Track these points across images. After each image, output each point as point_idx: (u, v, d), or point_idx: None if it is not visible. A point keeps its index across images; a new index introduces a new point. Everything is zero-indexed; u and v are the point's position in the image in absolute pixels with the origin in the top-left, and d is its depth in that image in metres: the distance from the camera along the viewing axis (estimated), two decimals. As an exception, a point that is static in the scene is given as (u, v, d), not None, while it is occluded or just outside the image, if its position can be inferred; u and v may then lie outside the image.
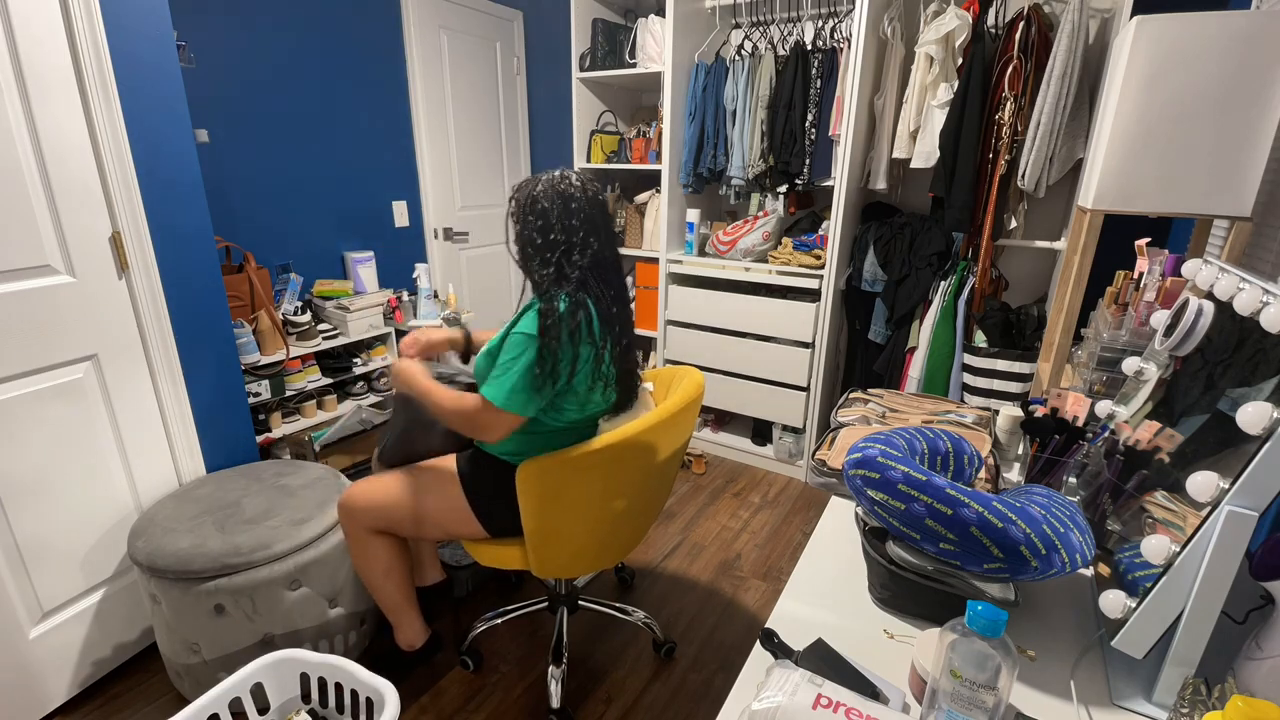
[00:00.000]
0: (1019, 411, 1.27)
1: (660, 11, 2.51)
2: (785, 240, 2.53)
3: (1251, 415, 0.61)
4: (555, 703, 1.48)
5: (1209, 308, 0.84)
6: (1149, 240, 1.42)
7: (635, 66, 2.70)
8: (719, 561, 2.11)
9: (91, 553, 1.53)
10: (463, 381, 1.43)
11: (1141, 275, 1.38)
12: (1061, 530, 0.73)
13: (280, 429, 2.29)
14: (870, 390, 1.43)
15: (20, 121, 1.30)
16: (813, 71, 2.35)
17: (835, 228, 2.33)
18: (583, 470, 1.26)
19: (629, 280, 3.11)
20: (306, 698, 1.27)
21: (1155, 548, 0.67)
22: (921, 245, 2.33)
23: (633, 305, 3.00)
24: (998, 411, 1.30)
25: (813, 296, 2.47)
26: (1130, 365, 1.03)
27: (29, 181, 1.32)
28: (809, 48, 2.39)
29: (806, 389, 2.55)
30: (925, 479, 0.77)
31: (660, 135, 2.67)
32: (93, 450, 1.50)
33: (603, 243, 1.29)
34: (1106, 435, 1.05)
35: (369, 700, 1.20)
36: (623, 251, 2.91)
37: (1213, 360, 0.81)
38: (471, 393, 1.28)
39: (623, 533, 1.44)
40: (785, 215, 2.65)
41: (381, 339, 2.67)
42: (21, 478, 1.38)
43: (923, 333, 2.36)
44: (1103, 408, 1.05)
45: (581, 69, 2.80)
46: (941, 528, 0.74)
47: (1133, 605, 0.69)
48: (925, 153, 2.21)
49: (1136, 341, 1.30)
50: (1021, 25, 1.98)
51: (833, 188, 2.31)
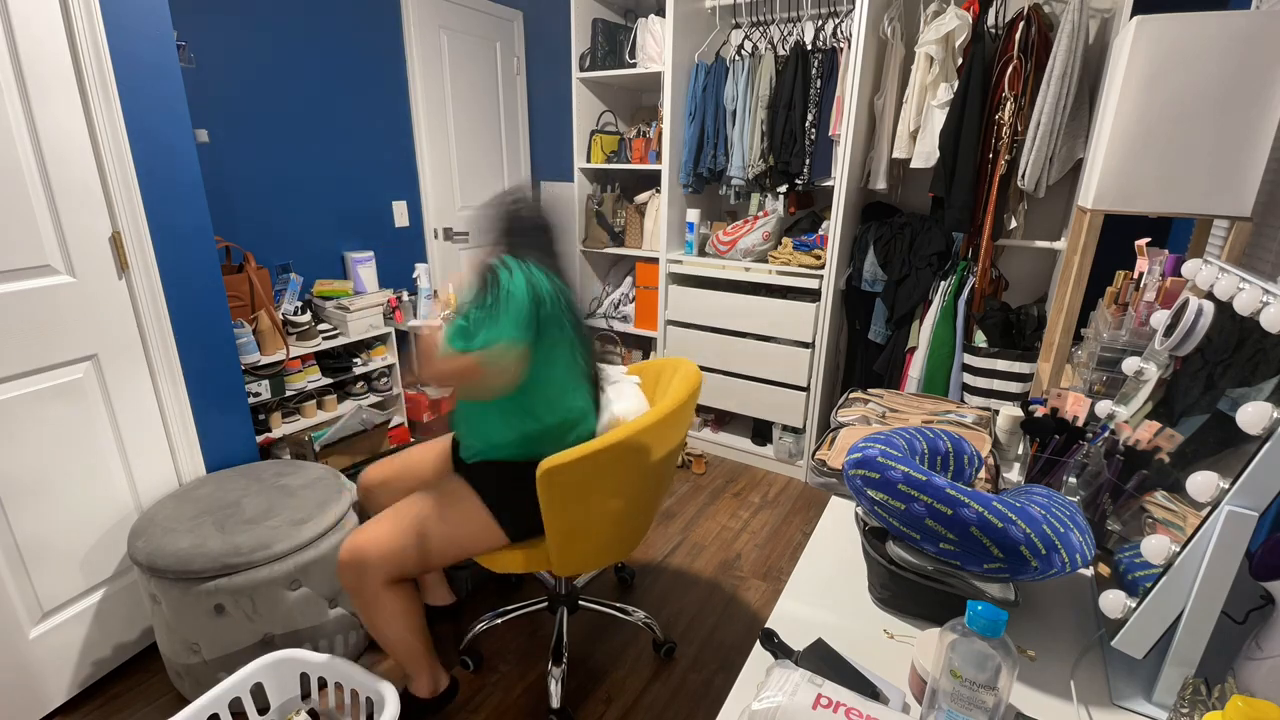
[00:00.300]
0: (1019, 411, 1.27)
1: (660, 11, 2.51)
2: (785, 240, 2.53)
3: (1251, 415, 0.61)
4: (555, 702, 1.48)
5: (1209, 308, 0.84)
6: (1149, 240, 1.42)
7: (635, 66, 2.69)
8: (719, 561, 2.12)
9: (91, 553, 1.53)
10: None
11: (1141, 275, 1.38)
12: (1061, 530, 0.73)
13: (280, 429, 2.29)
14: (870, 390, 1.43)
15: (20, 121, 1.30)
16: (813, 71, 2.35)
17: (835, 228, 2.33)
18: (601, 465, 1.27)
19: (629, 279, 3.12)
20: (306, 698, 1.27)
21: (1155, 548, 0.67)
22: (921, 245, 2.33)
23: (631, 306, 3.00)
24: (998, 411, 1.30)
25: (813, 296, 2.47)
26: (1130, 365, 1.03)
27: (29, 181, 1.32)
28: (809, 48, 2.39)
29: (806, 389, 2.55)
30: (925, 479, 0.77)
31: (660, 135, 2.67)
32: (93, 450, 1.50)
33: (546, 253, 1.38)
34: (1106, 435, 1.05)
35: (369, 700, 1.20)
36: (623, 251, 2.92)
37: (1213, 360, 0.81)
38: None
39: (637, 523, 1.45)
40: (785, 215, 2.65)
41: (381, 339, 2.67)
42: (22, 478, 1.38)
43: (923, 333, 2.36)
44: (1103, 408, 1.05)
45: (581, 69, 2.80)
46: (941, 528, 0.74)
47: (1133, 605, 0.69)
48: (925, 153, 2.21)
49: (1136, 341, 1.30)
50: (1021, 25, 1.98)
51: (833, 188, 2.31)
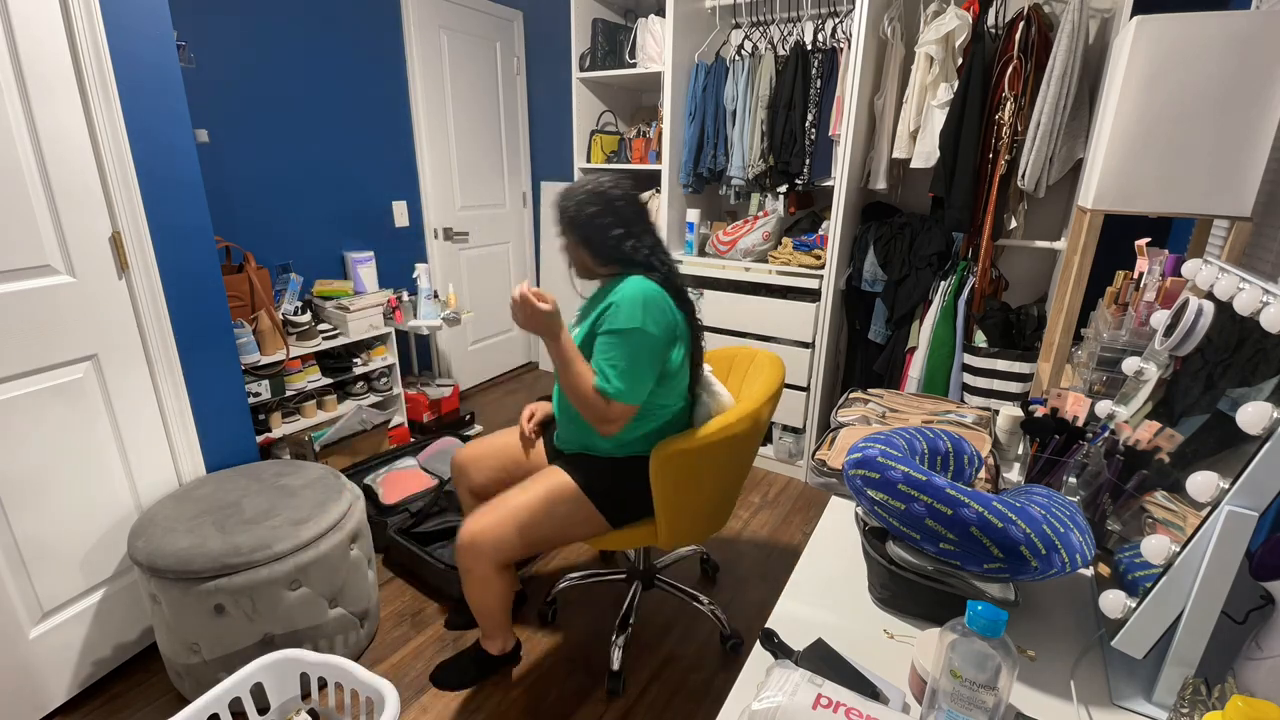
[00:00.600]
0: (1019, 411, 1.27)
1: (660, 11, 2.51)
2: (785, 240, 2.53)
3: (1251, 415, 0.61)
4: (615, 665, 1.61)
5: (1209, 308, 0.84)
6: (1149, 240, 1.42)
7: (635, 66, 2.69)
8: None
9: (91, 553, 1.53)
10: None
11: (1141, 275, 1.38)
12: (1061, 530, 0.73)
13: (280, 429, 2.29)
14: (870, 390, 1.43)
15: (20, 121, 1.30)
16: (813, 71, 2.35)
17: (835, 228, 2.33)
18: (711, 450, 1.40)
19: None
20: (306, 697, 1.28)
21: (1155, 548, 0.67)
22: (921, 245, 2.33)
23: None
24: (998, 411, 1.30)
25: (813, 296, 2.47)
26: (1130, 365, 1.03)
27: (29, 181, 1.32)
28: (809, 48, 2.39)
29: (806, 389, 2.55)
30: (925, 479, 0.77)
31: (660, 135, 2.67)
32: (93, 450, 1.50)
33: (656, 237, 1.44)
34: (1106, 435, 1.05)
35: (369, 700, 1.20)
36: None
37: (1213, 360, 0.81)
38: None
39: (729, 501, 1.64)
40: (785, 215, 2.65)
41: (381, 339, 2.67)
42: (22, 478, 1.38)
43: (923, 333, 2.36)
44: (1103, 408, 1.05)
45: (581, 69, 2.80)
46: (941, 528, 0.74)
47: (1133, 605, 0.69)
48: (925, 153, 2.21)
49: (1136, 341, 1.30)
50: (1021, 25, 1.98)
51: (833, 188, 2.31)
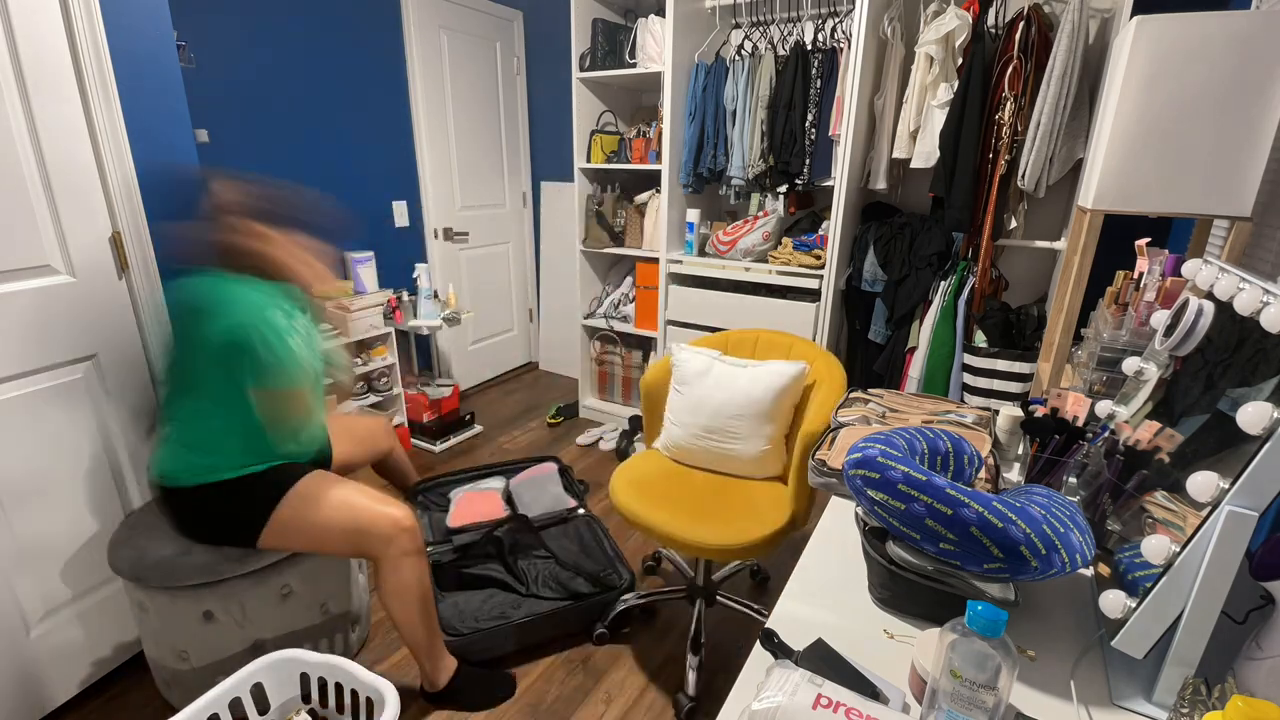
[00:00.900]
0: (1019, 411, 1.27)
1: (660, 11, 2.51)
2: (785, 240, 2.53)
3: (1251, 415, 0.61)
4: (692, 690, 1.56)
5: (1209, 308, 0.84)
6: (1149, 240, 1.42)
7: (635, 66, 2.69)
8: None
9: (91, 553, 1.53)
10: None
11: (1141, 275, 1.38)
12: (1061, 530, 0.73)
13: (280, 429, 2.28)
14: (870, 390, 1.43)
15: (20, 121, 1.30)
16: (813, 71, 2.34)
17: (835, 228, 2.33)
18: None
19: (629, 279, 3.12)
20: (307, 698, 1.27)
21: (1155, 548, 0.67)
22: (921, 245, 2.33)
23: (631, 306, 3.00)
24: (998, 411, 1.30)
25: (813, 296, 2.47)
26: (1130, 365, 1.03)
27: (29, 181, 1.32)
28: (809, 48, 2.39)
29: (806, 389, 2.55)
30: (925, 479, 0.77)
31: (660, 135, 2.67)
32: (92, 451, 1.50)
33: None
34: (1106, 435, 1.05)
35: (369, 700, 1.20)
36: (623, 251, 2.93)
37: (1213, 360, 0.81)
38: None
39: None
40: (785, 215, 2.65)
41: (381, 339, 2.67)
42: (21, 478, 1.38)
43: (923, 333, 2.36)
44: (1103, 408, 1.05)
45: (581, 69, 2.80)
46: (941, 528, 0.74)
47: (1133, 605, 0.69)
48: (925, 153, 2.21)
49: (1136, 341, 1.30)
50: (1021, 25, 1.98)
51: (833, 188, 2.31)
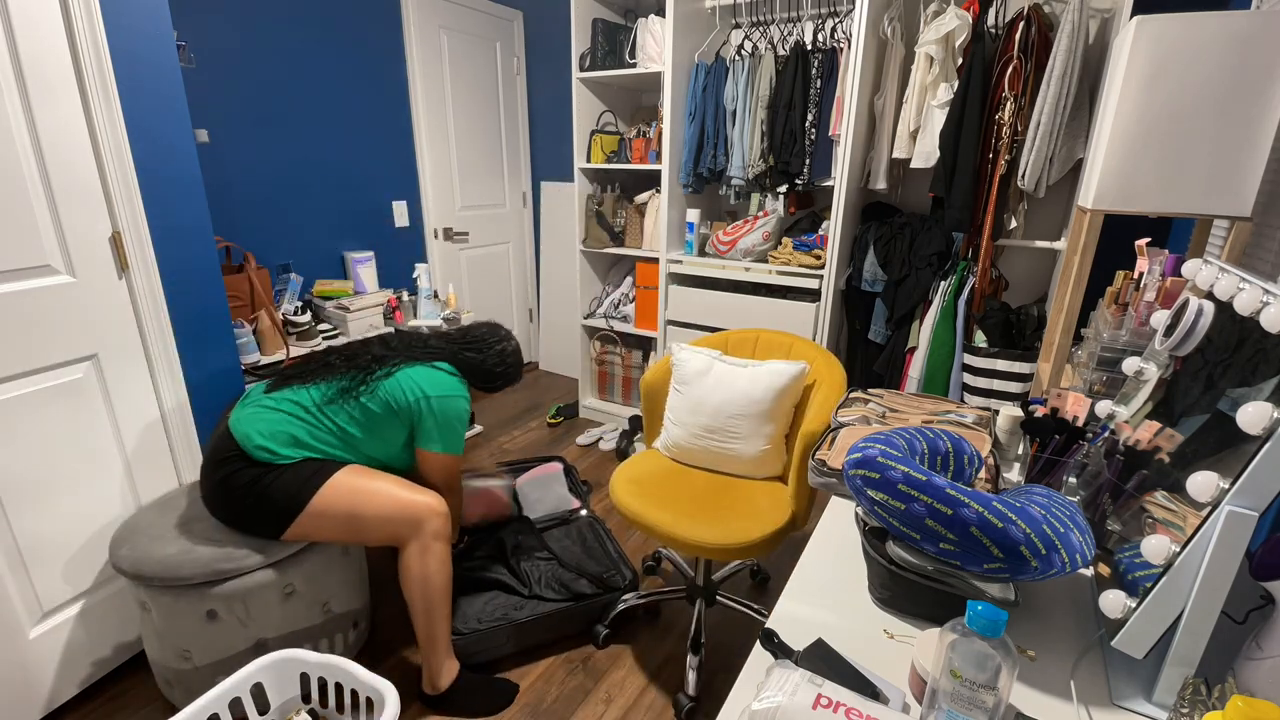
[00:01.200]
0: (1019, 411, 1.27)
1: (660, 11, 2.51)
2: (785, 240, 2.52)
3: (1251, 415, 0.61)
4: (692, 690, 1.56)
5: (1209, 308, 0.84)
6: (1149, 240, 1.42)
7: (635, 66, 2.69)
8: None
9: (91, 553, 1.53)
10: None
11: (1141, 275, 1.38)
12: (1061, 530, 0.73)
13: (280, 429, 2.28)
14: (870, 390, 1.43)
15: (20, 121, 1.30)
16: (813, 71, 2.34)
17: (835, 228, 2.33)
18: None
19: (629, 279, 3.12)
20: (307, 698, 1.27)
21: (1155, 548, 0.67)
22: (921, 245, 2.33)
23: (631, 306, 3.00)
24: (998, 411, 1.30)
25: (813, 296, 2.47)
26: (1130, 365, 1.03)
27: (29, 181, 1.32)
28: (809, 48, 2.39)
29: (806, 389, 2.55)
30: (925, 479, 0.77)
31: (660, 135, 2.67)
32: (92, 450, 1.50)
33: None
34: (1106, 435, 1.05)
35: (369, 700, 1.20)
36: (623, 251, 2.93)
37: (1213, 360, 0.81)
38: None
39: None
40: (785, 215, 2.65)
41: (381, 339, 2.67)
42: (21, 478, 1.38)
43: (923, 333, 2.36)
44: (1103, 408, 1.05)
45: (581, 69, 2.80)
46: (941, 528, 0.74)
47: (1133, 605, 0.69)
48: (925, 153, 2.21)
49: (1136, 341, 1.30)
50: (1021, 25, 1.98)
51: (833, 188, 2.31)
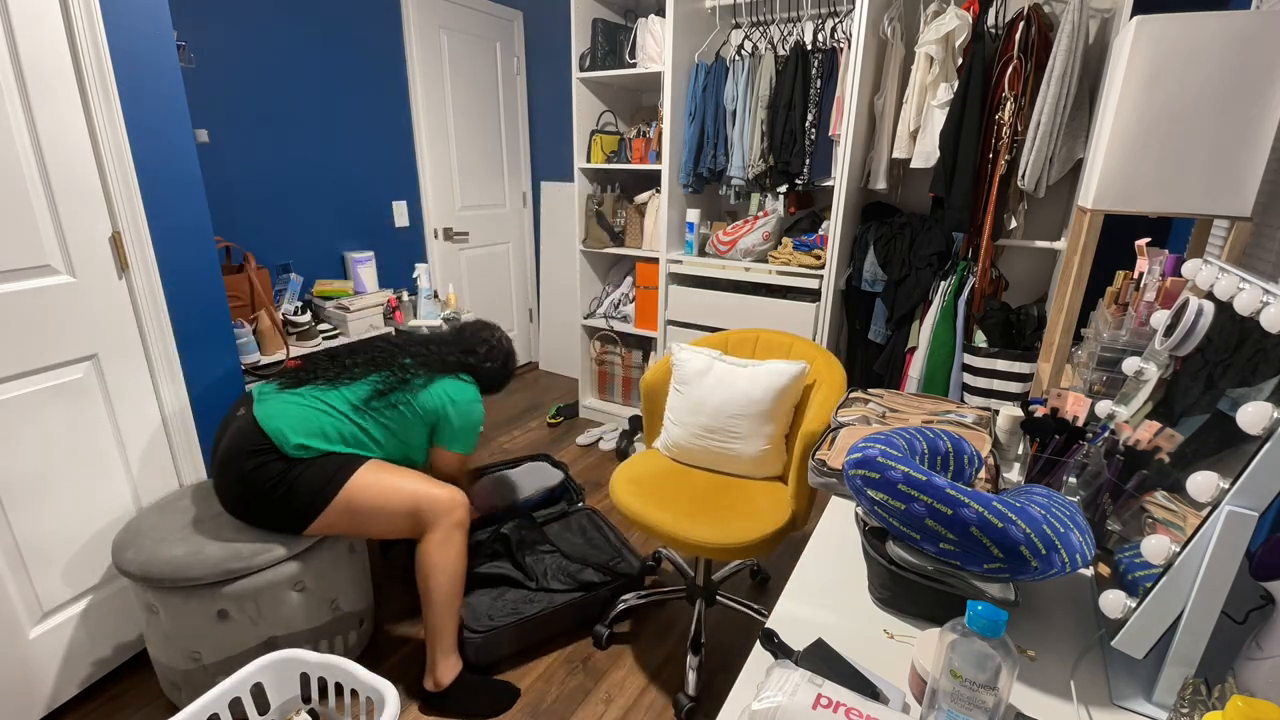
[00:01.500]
0: (1019, 411, 1.27)
1: (660, 11, 2.51)
2: (785, 240, 2.52)
3: (1251, 415, 0.61)
4: (692, 690, 1.57)
5: (1209, 308, 0.84)
6: (1149, 240, 1.42)
7: (635, 66, 2.69)
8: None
9: (91, 553, 1.53)
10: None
11: (1141, 275, 1.38)
12: (1061, 530, 0.73)
13: (280, 429, 2.28)
14: (870, 390, 1.43)
15: (20, 121, 1.30)
16: (813, 71, 2.34)
17: (835, 228, 2.33)
18: None
19: (629, 279, 3.12)
20: (307, 698, 1.27)
21: (1155, 548, 0.67)
22: (921, 245, 2.33)
23: (631, 306, 3.00)
24: (998, 411, 1.30)
25: (813, 296, 2.47)
26: (1130, 365, 1.03)
27: (29, 181, 1.32)
28: (809, 48, 2.39)
29: (806, 389, 2.55)
30: (925, 479, 0.77)
31: (660, 135, 2.67)
32: (92, 450, 1.50)
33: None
34: (1106, 435, 1.05)
35: (369, 700, 1.20)
36: (623, 251, 2.93)
37: (1213, 360, 0.81)
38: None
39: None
40: (785, 215, 2.65)
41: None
42: (21, 478, 1.38)
43: (923, 333, 2.36)
44: (1103, 408, 1.05)
45: (581, 69, 2.80)
46: (941, 528, 0.74)
47: (1133, 605, 0.69)
48: (925, 153, 2.21)
49: (1136, 341, 1.30)
50: (1021, 25, 1.98)
51: (833, 188, 2.31)
